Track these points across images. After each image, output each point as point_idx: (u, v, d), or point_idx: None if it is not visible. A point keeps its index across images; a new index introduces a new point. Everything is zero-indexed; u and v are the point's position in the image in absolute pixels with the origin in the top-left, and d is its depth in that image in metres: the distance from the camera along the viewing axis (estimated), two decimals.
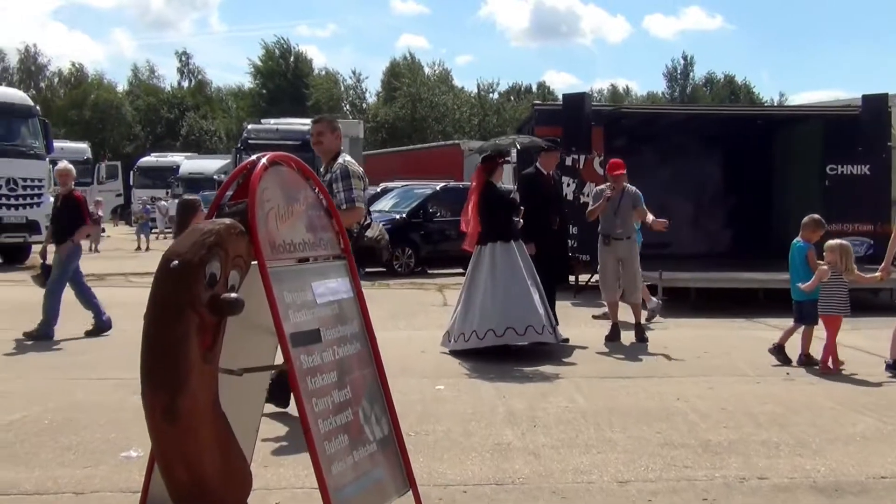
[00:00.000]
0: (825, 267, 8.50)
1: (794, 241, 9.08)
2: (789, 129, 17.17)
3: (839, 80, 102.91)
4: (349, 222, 6.05)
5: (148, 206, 31.22)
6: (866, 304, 13.29)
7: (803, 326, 8.74)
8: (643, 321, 10.50)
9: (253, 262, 3.46)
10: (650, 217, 9.96)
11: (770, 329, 11.11)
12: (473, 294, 9.08)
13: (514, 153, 16.63)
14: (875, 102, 15.29)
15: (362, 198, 6.44)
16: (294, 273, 3.71)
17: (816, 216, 9.15)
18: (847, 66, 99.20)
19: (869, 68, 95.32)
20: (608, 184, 10.17)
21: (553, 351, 9.15)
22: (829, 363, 8.34)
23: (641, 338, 9.91)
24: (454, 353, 8.98)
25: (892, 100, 16.47)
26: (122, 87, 71.46)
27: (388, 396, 4.10)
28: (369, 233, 6.58)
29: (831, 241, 8.81)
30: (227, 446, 3.34)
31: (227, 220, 3.37)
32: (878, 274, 8.86)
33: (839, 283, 8.48)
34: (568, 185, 14.41)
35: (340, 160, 6.57)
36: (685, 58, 74.86)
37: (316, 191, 3.95)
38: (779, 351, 8.75)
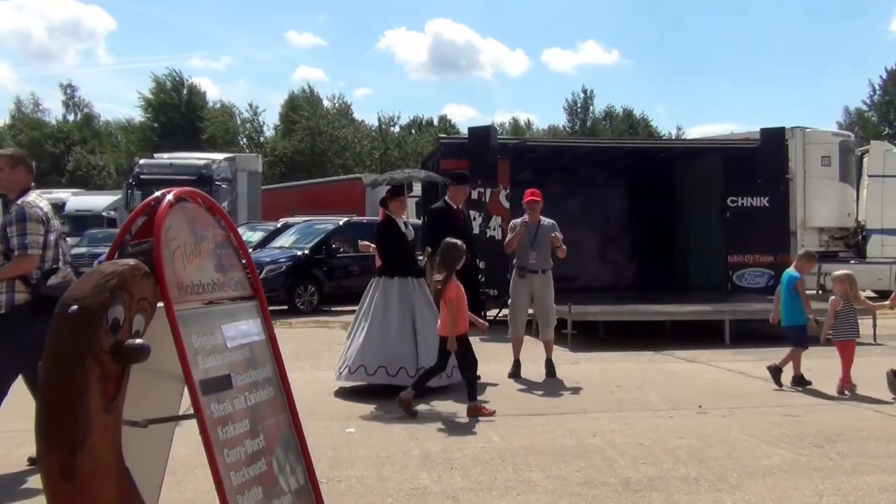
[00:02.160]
0: (835, 297, 9.16)
1: (787, 270, 9.74)
2: (691, 161, 17.67)
3: (732, 113, 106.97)
4: (16, 272, 5.83)
5: None
6: (770, 334, 13.68)
7: (804, 349, 9.39)
8: None
9: (159, 305, 3.30)
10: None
11: (678, 361, 11.31)
12: (354, 327, 9.08)
13: (418, 187, 16.70)
14: (773, 136, 15.88)
15: (37, 244, 5.97)
16: (203, 316, 3.56)
17: (810, 250, 10.14)
18: (739, 100, 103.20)
19: (760, 103, 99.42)
20: (526, 216, 10.21)
21: (464, 389, 9.07)
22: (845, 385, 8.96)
23: (551, 373, 9.94)
24: (359, 392, 8.87)
25: (789, 133, 17.16)
26: (2, 121, 69.21)
27: (302, 444, 3.95)
28: (51, 280, 6.03)
29: (838, 272, 9.48)
30: None
31: (131, 261, 3.20)
32: (887, 302, 9.42)
33: (849, 310, 9.12)
34: (474, 218, 14.44)
35: (20, 200, 6.08)
36: (585, 91, 76.53)
37: (224, 228, 3.81)
38: (799, 381, 9.30)
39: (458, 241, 8.26)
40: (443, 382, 8.91)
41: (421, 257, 9.57)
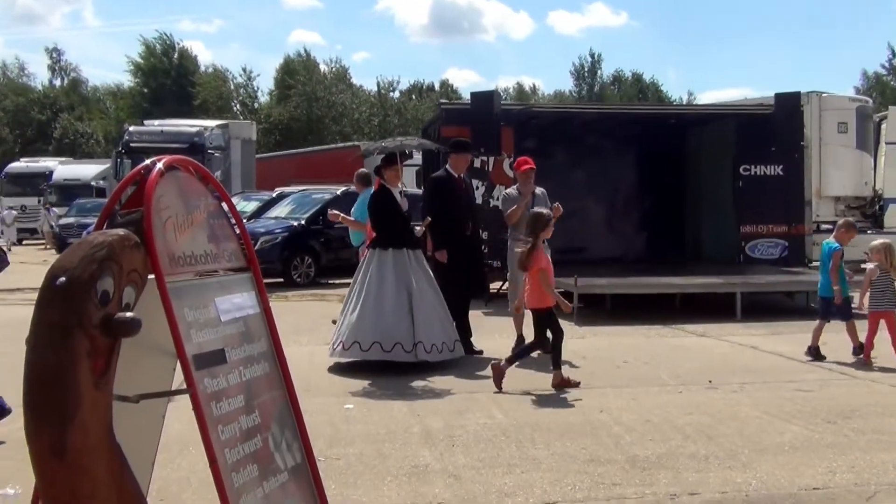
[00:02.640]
0: (873, 266, 9.29)
1: (826, 241, 9.90)
2: (702, 128, 17.61)
3: (746, 78, 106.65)
4: None
5: None
6: (783, 307, 13.73)
7: (827, 322, 9.51)
8: None
9: (150, 277, 3.30)
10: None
11: (688, 335, 11.33)
12: (348, 302, 9.14)
13: (418, 154, 16.68)
14: (788, 101, 15.81)
15: None
16: (195, 288, 3.56)
17: (850, 219, 10.39)
18: (753, 64, 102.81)
19: (774, 67, 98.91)
20: (517, 185, 10.15)
21: (466, 364, 9.13)
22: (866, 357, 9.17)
23: (547, 349, 9.91)
24: (357, 367, 8.91)
25: (805, 98, 17.07)
26: None
27: (299, 421, 3.97)
28: None
29: (875, 242, 9.63)
30: (122, 483, 3.15)
31: (121, 231, 3.19)
32: None
33: (887, 280, 9.23)
34: (476, 188, 14.42)
35: None
36: (592, 55, 76.37)
37: (217, 198, 3.81)
38: (815, 353, 9.40)
39: (545, 210, 8.53)
40: (444, 356, 8.94)
41: (419, 227, 9.53)
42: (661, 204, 18.07)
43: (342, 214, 11.12)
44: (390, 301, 8.85)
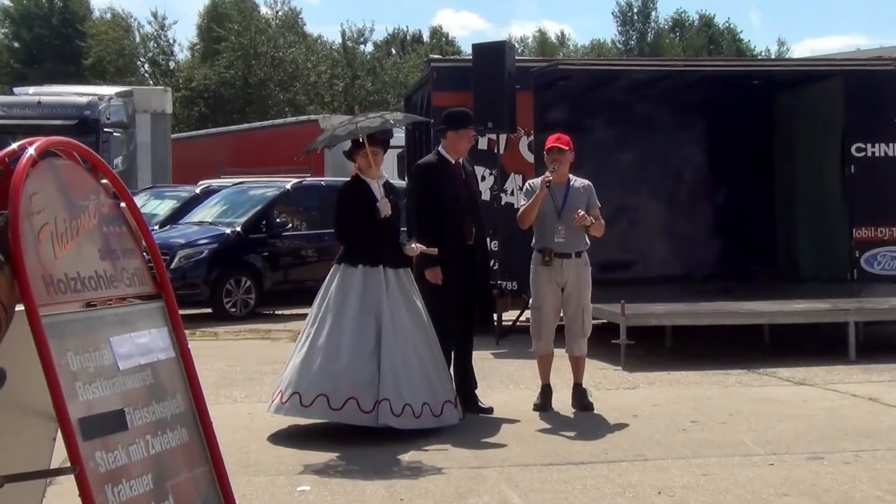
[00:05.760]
0: None
1: None
2: (798, 92, 17.61)
3: (857, 23, 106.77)
4: None
5: None
6: None
7: None
8: None
9: (18, 308, 3.30)
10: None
11: (782, 383, 11.32)
12: (307, 337, 9.03)
13: (400, 132, 16.68)
14: None
15: None
16: (83, 324, 3.57)
17: None
18: (866, 3, 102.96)
19: None
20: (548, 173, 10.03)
21: (469, 427, 9.09)
22: None
23: (585, 404, 9.85)
24: (317, 433, 8.86)
25: None
26: None
27: None
28: None
29: None
30: None
31: None
32: None
33: None
34: (482, 178, 14.40)
35: None
36: None
37: (115, 196, 3.81)
38: None
39: None
40: (423, 423, 8.75)
41: (414, 247, 9.22)
42: (742, 199, 18.05)
43: None
44: (349, 338, 8.71)
